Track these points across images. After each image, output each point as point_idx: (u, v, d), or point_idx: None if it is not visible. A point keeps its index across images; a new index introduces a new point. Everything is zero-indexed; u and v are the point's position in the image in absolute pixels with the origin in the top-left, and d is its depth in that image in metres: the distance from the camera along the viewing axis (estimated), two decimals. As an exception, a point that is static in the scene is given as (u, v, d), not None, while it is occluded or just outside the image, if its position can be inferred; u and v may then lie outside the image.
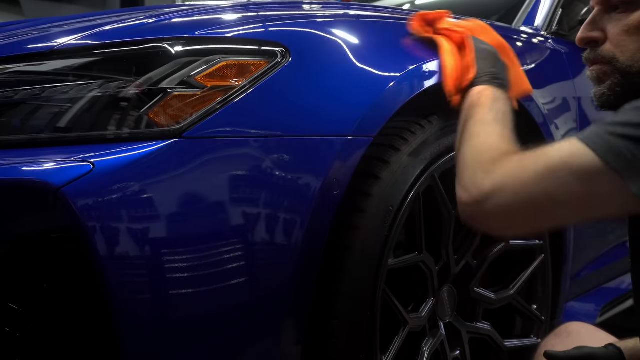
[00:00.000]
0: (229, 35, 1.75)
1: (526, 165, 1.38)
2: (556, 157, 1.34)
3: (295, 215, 1.64)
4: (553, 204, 1.35)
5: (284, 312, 1.65)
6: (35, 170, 1.48)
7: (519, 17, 3.16)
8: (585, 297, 3.07)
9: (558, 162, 1.33)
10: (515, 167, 1.40)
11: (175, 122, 1.56)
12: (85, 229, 1.44)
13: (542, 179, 1.34)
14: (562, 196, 1.33)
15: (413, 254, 1.97)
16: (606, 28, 1.56)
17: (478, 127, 1.60)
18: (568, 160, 1.31)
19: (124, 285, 1.47)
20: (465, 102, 1.73)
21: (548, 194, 1.34)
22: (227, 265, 1.57)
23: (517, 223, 1.46)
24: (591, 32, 1.59)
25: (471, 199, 1.45)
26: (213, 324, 1.58)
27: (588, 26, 1.60)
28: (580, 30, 1.62)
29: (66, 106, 1.59)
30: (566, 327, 1.86)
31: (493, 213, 1.42)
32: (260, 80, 1.66)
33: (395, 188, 1.85)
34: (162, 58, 1.65)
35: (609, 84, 1.54)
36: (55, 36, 1.79)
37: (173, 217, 1.52)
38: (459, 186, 1.51)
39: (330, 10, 2.17)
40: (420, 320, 1.99)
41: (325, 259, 1.71)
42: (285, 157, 1.64)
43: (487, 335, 2.24)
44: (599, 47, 1.57)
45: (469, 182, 1.48)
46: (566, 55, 2.97)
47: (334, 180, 1.69)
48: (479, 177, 1.45)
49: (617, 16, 1.54)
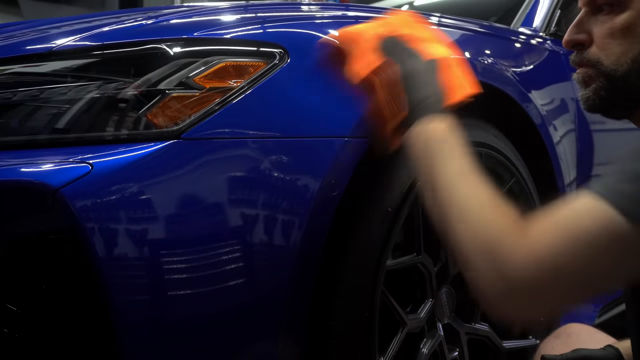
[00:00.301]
0: (227, 37, 1.75)
1: (547, 233, 1.15)
2: (574, 221, 1.13)
3: (294, 216, 1.64)
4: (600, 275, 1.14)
5: (283, 313, 1.65)
6: (33, 172, 1.48)
7: (517, 18, 3.16)
8: (584, 298, 3.07)
9: (580, 227, 1.12)
10: (538, 236, 1.16)
11: (173, 123, 1.56)
12: (84, 230, 1.44)
13: (573, 252, 1.12)
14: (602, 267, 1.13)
15: (411, 255, 1.97)
16: (592, 30, 1.53)
17: (456, 193, 1.26)
18: (589, 225, 1.11)
19: (122, 286, 1.47)
20: (412, 150, 1.35)
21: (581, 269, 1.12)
22: (226, 266, 1.57)
23: (561, 302, 1.23)
24: (577, 35, 1.56)
25: (489, 283, 1.18)
26: (211, 325, 1.58)
27: (574, 28, 1.56)
28: (567, 32, 1.58)
29: (64, 107, 1.59)
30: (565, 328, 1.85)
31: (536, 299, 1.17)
32: (258, 81, 1.66)
33: (394, 189, 1.85)
34: (160, 59, 1.65)
35: (593, 88, 1.50)
36: (53, 37, 1.79)
37: (171, 218, 1.52)
38: (476, 277, 1.20)
39: (328, 11, 2.17)
40: (419, 321, 1.99)
41: (323, 260, 1.71)
42: (284, 158, 1.64)
43: (485, 336, 2.24)
44: (585, 50, 1.55)
45: (490, 272, 1.18)
46: (564, 57, 2.97)
47: (333, 181, 1.69)
48: (506, 265, 1.16)
49: (602, 18, 1.50)
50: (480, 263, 1.19)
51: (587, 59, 1.52)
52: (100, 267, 1.45)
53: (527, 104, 2.31)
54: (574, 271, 1.12)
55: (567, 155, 2.56)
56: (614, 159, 1.21)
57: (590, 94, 1.51)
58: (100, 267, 1.45)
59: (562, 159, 2.53)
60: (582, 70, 1.54)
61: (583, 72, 1.54)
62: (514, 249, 1.15)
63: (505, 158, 2.20)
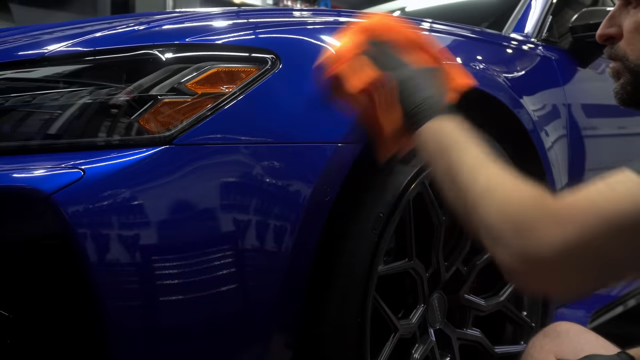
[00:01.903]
0: (219, 42, 1.75)
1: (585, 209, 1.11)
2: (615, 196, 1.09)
3: (286, 222, 1.64)
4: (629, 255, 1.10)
5: (274, 319, 1.65)
6: (25, 177, 1.48)
7: (509, 24, 3.17)
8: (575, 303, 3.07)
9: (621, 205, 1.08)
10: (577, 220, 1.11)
11: (165, 128, 1.56)
12: (76, 236, 1.44)
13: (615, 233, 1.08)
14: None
15: (403, 260, 1.97)
16: (622, 24, 1.52)
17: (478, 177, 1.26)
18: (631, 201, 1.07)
19: (114, 292, 1.47)
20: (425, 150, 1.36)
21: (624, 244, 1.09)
22: (218, 272, 1.57)
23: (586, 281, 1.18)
24: (608, 29, 1.55)
25: (529, 261, 1.14)
26: (203, 330, 1.58)
27: (607, 22, 1.56)
28: (600, 27, 1.58)
29: (57, 113, 1.59)
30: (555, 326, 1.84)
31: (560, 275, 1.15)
32: (250, 87, 1.66)
33: (386, 195, 1.85)
34: (152, 65, 1.65)
35: (621, 83, 1.49)
36: (45, 43, 1.79)
37: (163, 224, 1.52)
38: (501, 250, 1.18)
39: (320, 17, 2.17)
40: (411, 327, 2.00)
41: (315, 266, 1.71)
42: (276, 163, 1.64)
43: (477, 341, 2.24)
44: (616, 43, 1.54)
45: (515, 242, 1.16)
46: (556, 62, 2.98)
47: (325, 187, 1.69)
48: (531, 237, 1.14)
49: (632, 12, 1.50)
50: (505, 233, 1.17)
51: (616, 53, 1.51)
52: (92, 273, 1.45)
53: (518, 110, 2.31)
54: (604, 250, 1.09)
55: (559, 160, 2.56)
56: None
57: (618, 89, 1.51)
58: (92, 273, 1.45)
59: (554, 164, 2.54)
60: (613, 64, 1.54)
61: (613, 66, 1.53)
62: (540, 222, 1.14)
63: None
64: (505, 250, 1.16)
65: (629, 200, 1.07)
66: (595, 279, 1.16)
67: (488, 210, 1.21)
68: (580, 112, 2.95)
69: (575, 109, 2.89)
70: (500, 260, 1.18)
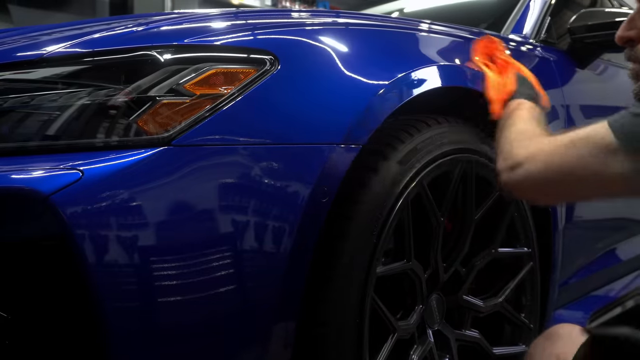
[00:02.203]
0: (217, 43, 1.75)
1: (555, 140, 1.59)
2: (580, 133, 1.49)
3: (284, 223, 1.64)
4: (572, 177, 1.51)
5: (273, 320, 1.65)
6: (24, 178, 1.48)
7: (507, 24, 3.17)
8: (574, 304, 3.08)
9: (581, 137, 1.48)
10: (546, 142, 1.62)
11: (164, 129, 1.56)
12: (74, 237, 1.44)
13: (564, 152, 1.52)
14: (579, 170, 1.49)
15: (402, 261, 1.97)
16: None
17: (518, 120, 1.85)
18: (589, 136, 1.46)
19: (112, 292, 1.47)
20: (506, 108, 1.95)
21: (568, 166, 1.51)
22: (216, 273, 1.57)
23: (545, 191, 1.69)
24: (627, 31, 1.59)
25: (507, 166, 1.70)
26: (202, 332, 1.58)
27: (626, 25, 1.60)
28: (619, 29, 1.62)
29: (55, 114, 1.59)
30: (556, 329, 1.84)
31: (525, 180, 1.65)
32: (249, 88, 1.66)
33: (384, 196, 1.85)
34: (151, 66, 1.65)
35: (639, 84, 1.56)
36: (44, 44, 1.79)
37: (162, 225, 1.52)
38: (500, 157, 1.77)
39: (319, 18, 2.17)
40: (409, 328, 2.00)
41: (314, 267, 1.71)
42: (274, 164, 1.64)
43: (475, 342, 2.24)
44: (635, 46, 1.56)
45: (507, 153, 1.73)
46: (554, 63, 2.98)
47: (323, 188, 1.69)
48: (515, 149, 1.70)
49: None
50: (506, 149, 1.75)
51: (636, 55, 1.56)
52: (91, 274, 1.45)
53: (517, 111, 2.31)
54: (559, 186, 1.58)
55: (557, 161, 2.56)
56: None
57: (637, 90, 1.57)
58: (91, 274, 1.45)
59: (552, 165, 2.53)
60: (633, 66, 1.61)
61: (633, 68, 1.61)
62: (529, 142, 1.67)
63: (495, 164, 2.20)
64: (501, 160, 1.75)
65: (586, 127, 1.51)
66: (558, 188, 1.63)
67: (507, 134, 1.81)
68: (579, 113, 2.95)
69: (573, 110, 2.89)
70: (498, 166, 1.77)
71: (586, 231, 3.07)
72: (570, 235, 2.75)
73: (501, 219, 2.29)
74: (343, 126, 1.74)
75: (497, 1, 3.79)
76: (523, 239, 2.37)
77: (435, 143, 2.01)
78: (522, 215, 2.34)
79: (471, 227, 2.17)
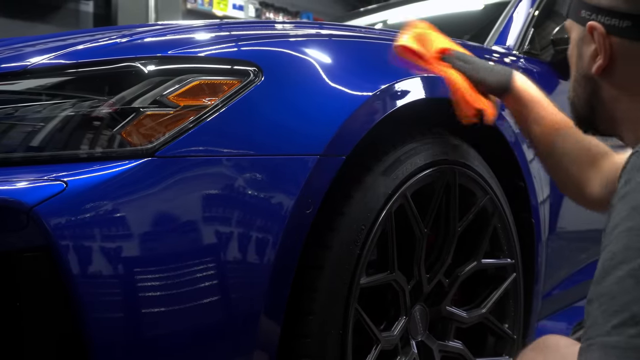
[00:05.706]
0: (201, 55, 1.76)
1: None
2: None
3: (268, 234, 1.64)
4: None
5: (257, 330, 1.65)
6: (7, 189, 1.48)
7: (490, 36, 3.19)
8: (557, 315, 3.08)
9: None
10: None
11: (147, 141, 1.57)
12: (58, 248, 1.44)
13: None
14: None
15: (385, 272, 1.97)
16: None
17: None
18: None
19: (96, 304, 1.47)
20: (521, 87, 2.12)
21: None
22: (200, 284, 1.57)
23: None
24: None
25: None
26: (185, 343, 1.58)
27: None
28: None
29: (39, 125, 1.59)
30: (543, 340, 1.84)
31: None
32: (232, 99, 1.66)
33: (368, 207, 1.86)
34: (134, 77, 1.65)
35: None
36: (28, 55, 1.79)
37: (146, 236, 1.52)
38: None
39: (302, 29, 2.18)
40: (393, 339, 2.00)
41: (297, 278, 1.72)
42: (258, 176, 1.64)
43: (459, 353, 2.24)
44: None
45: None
46: (538, 75, 2.99)
47: (307, 199, 1.69)
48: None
49: None
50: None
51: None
52: (74, 285, 1.45)
53: (500, 122, 2.32)
54: None
55: (541, 173, 2.57)
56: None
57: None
58: (74, 285, 1.45)
59: (536, 176, 2.54)
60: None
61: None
62: None
63: (478, 176, 2.21)
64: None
65: None
66: None
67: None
68: (562, 125, 2.95)
69: (556, 122, 2.90)
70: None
71: (569, 242, 3.08)
72: (553, 246, 2.76)
73: (484, 230, 2.29)
74: (327, 137, 1.74)
75: (481, 13, 3.81)
76: (506, 250, 2.37)
77: (419, 154, 2.01)
78: (505, 226, 2.35)
79: (454, 238, 2.18)
